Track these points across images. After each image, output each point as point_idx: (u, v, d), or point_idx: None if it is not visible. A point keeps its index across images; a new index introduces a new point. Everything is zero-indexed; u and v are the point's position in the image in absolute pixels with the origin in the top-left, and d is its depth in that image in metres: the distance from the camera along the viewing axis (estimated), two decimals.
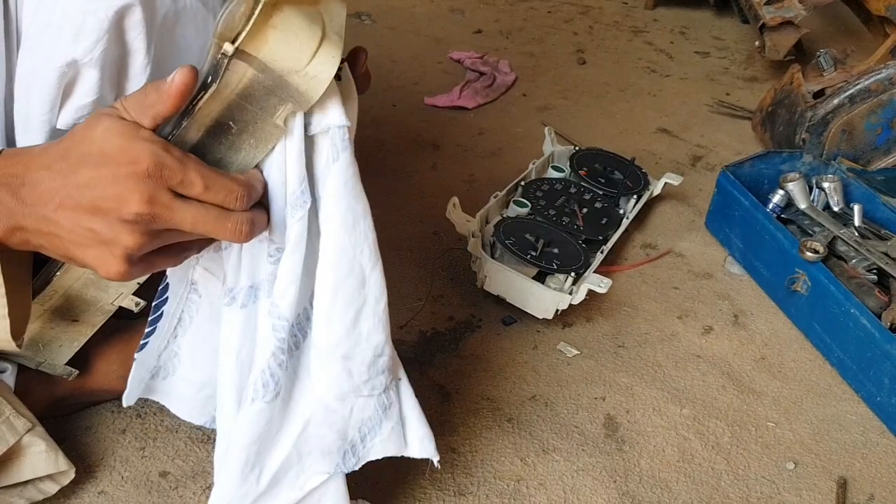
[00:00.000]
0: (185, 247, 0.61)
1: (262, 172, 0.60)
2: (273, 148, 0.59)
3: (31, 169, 0.55)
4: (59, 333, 0.78)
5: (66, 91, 0.63)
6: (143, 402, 0.93)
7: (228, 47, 0.54)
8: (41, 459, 0.76)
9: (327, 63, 0.56)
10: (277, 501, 0.69)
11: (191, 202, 0.56)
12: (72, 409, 0.91)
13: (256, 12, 0.53)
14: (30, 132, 0.65)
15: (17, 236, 0.57)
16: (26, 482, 0.77)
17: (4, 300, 0.61)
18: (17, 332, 0.63)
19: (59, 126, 0.65)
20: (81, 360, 0.84)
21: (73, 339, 0.79)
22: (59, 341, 0.79)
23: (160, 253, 0.59)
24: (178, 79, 0.53)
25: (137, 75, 0.65)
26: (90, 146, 0.54)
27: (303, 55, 0.56)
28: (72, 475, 0.79)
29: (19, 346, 0.63)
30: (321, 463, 0.69)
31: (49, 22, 0.60)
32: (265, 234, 0.62)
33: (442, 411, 0.98)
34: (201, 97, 0.55)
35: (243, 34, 0.54)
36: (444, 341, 1.09)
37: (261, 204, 0.60)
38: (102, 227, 0.55)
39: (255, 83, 0.55)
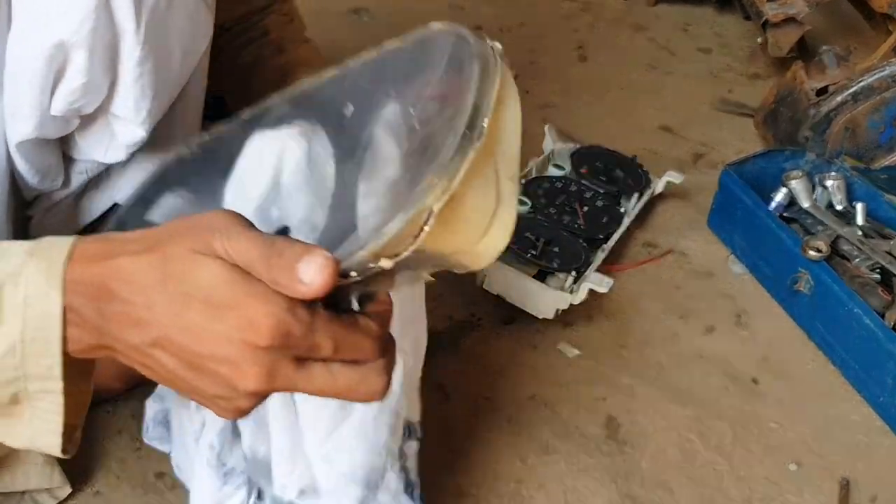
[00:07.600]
0: None
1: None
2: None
3: (120, 280, 0.44)
4: None
5: (57, 76, 0.62)
6: (139, 404, 0.93)
7: (386, 262, 0.43)
8: (36, 472, 0.76)
9: (499, 237, 0.46)
10: None
11: (316, 366, 0.45)
12: None
13: (426, 229, 0.42)
14: (20, 119, 0.64)
15: (102, 352, 0.47)
16: (23, 492, 0.78)
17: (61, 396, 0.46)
18: (70, 426, 0.47)
19: (52, 112, 0.64)
20: None
21: None
22: None
23: None
24: (318, 282, 0.42)
25: (128, 58, 0.63)
26: (190, 286, 0.43)
27: (472, 238, 0.45)
28: (68, 490, 0.80)
29: (67, 451, 0.48)
30: None
31: (37, 3, 0.59)
32: None
33: (441, 411, 0.97)
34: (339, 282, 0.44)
35: (405, 253, 0.42)
36: (444, 340, 1.08)
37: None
38: (208, 387, 0.45)
39: (408, 260, 0.44)
